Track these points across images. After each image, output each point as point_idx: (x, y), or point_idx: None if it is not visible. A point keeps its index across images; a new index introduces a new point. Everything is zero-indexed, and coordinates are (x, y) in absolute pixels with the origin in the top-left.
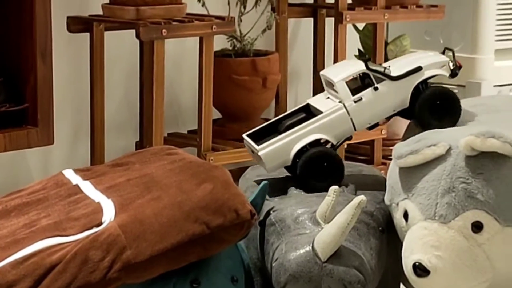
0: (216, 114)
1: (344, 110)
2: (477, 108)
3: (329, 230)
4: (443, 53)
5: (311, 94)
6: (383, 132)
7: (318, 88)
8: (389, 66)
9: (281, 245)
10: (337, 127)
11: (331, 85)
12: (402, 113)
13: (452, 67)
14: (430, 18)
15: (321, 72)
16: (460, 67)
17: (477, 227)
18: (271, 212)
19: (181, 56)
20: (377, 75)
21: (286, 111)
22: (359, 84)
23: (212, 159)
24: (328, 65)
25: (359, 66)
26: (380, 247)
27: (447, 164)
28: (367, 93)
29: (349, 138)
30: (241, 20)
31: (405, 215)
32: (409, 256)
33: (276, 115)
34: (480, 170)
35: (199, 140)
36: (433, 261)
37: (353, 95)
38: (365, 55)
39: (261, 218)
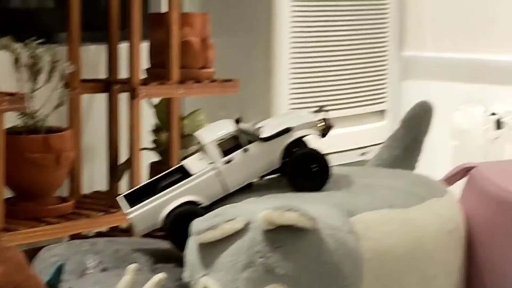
0: (8, 193)
1: (215, 171)
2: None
3: None
4: (317, 112)
5: (106, 170)
6: None
7: (111, 164)
8: (262, 126)
9: None
10: (207, 188)
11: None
12: (278, 171)
13: (322, 128)
14: (225, 92)
15: (196, 133)
16: (330, 127)
17: None
18: None
19: None
20: (247, 137)
21: (79, 188)
22: (235, 143)
23: (4, 240)
24: (123, 140)
25: (230, 127)
26: None
27: (246, 239)
28: (238, 154)
29: None
30: (32, 97)
31: None
32: None
33: (71, 193)
34: (278, 244)
35: None
36: None
37: (226, 155)
38: (161, 130)
39: None
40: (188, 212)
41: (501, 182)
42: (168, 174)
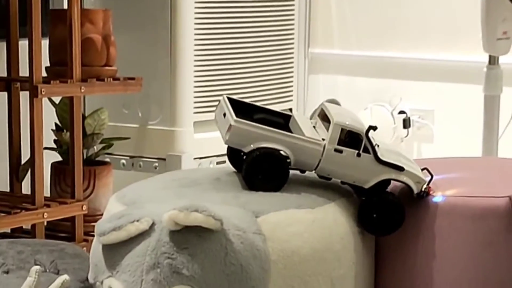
0: None
1: (322, 149)
2: (180, 181)
3: None
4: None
5: (7, 170)
6: (84, 208)
7: (13, 164)
8: (379, 144)
9: None
10: (304, 156)
11: (327, 120)
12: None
13: (423, 189)
14: (128, 91)
15: (327, 103)
16: (428, 193)
17: None
18: None
19: None
20: (368, 146)
21: None
22: (347, 139)
23: None
24: (25, 140)
25: (360, 126)
26: None
27: (151, 240)
28: (349, 152)
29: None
30: None
31: None
32: None
33: None
34: (184, 245)
35: None
36: None
37: (337, 144)
38: (63, 129)
39: None
40: (274, 157)
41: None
42: (272, 112)
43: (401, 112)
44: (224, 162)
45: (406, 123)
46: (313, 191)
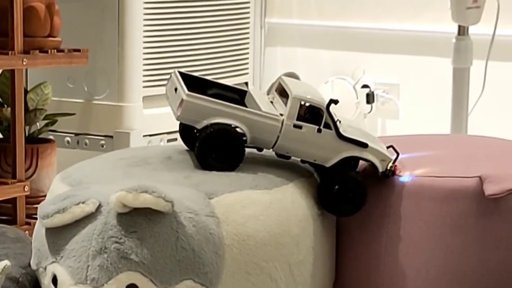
0: None
1: (280, 125)
2: (128, 160)
3: None
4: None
5: None
6: (26, 189)
7: None
8: (340, 120)
9: None
10: (261, 132)
11: (285, 94)
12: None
13: (389, 167)
14: (73, 63)
15: (284, 77)
16: (394, 172)
17: None
18: None
19: None
20: (329, 121)
21: None
22: (307, 115)
23: None
24: None
25: (320, 100)
26: None
27: (97, 223)
28: (309, 128)
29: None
30: None
31: (54, 280)
32: None
33: None
34: (133, 229)
35: None
36: None
37: (296, 119)
38: (3, 105)
39: None
40: (229, 134)
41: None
42: (227, 87)
43: (364, 86)
44: (176, 139)
45: (370, 98)
46: (270, 171)
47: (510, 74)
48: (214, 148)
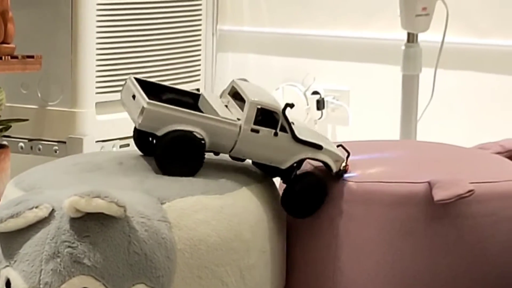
0: None
1: (238, 130)
2: (81, 166)
3: None
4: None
5: None
6: None
7: None
8: (294, 124)
9: None
10: (219, 137)
11: (240, 97)
12: (276, 174)
13: (342, 168)
14: (27, 70)
15: (237, 80)
16: (345, 172)
17: None
18: None
19: None
20: (285, 125)
21: None
22: (259, 117)
23: None
24: None
25: (276, 104)
26: None
27: (51, 228)
28: (266, 132)
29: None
30: None
31: (8, 284)
32: None
33: None
34: (86, 233)
35: None
36: None
37: (253, 124)
38: None
39: None
40: (190, 139)
41: (324, 167)
42: (180, 91)
43: (315, 92)
44: (128, 145)
45: (320, 104)
46: (222, 176)
47: (459, 81)
48: (175, 154)
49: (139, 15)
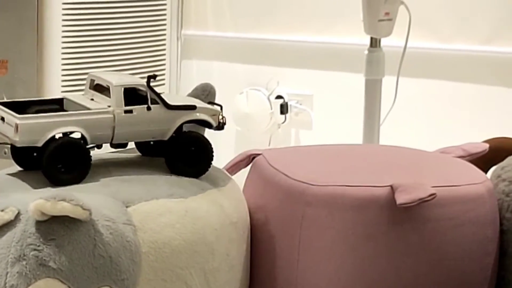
0: None
1: (112, 116)
2: None
3: None
4: (211, 104)
5: None
6: None
7: None
8: (163, 93)
9: None
10: (98, 129)
11: (102, 88)
12: (157, 151)
13: (220, 120)
14: None
15: (93, 73)
16: (225, 123)
17: None
18: None
19: None
20: (154, 97)
21: None
22: (130, 97)
23: None
24: None
25: (139, 80)
26: None
27: (16, 231)
28: (139, 109)
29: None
30: None
31: None
32: None
33: None
34: (51, 236)
35: None
36: None
37: (125, 105)
38: None
39: None
40: (72, 143)
41: (286, 171)
42: (42, 101)
43: (279, 97)
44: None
45: (284, 109)
46: (186, 179)
47: (421, 85)
48: (61, 162)
49: (105, 20)
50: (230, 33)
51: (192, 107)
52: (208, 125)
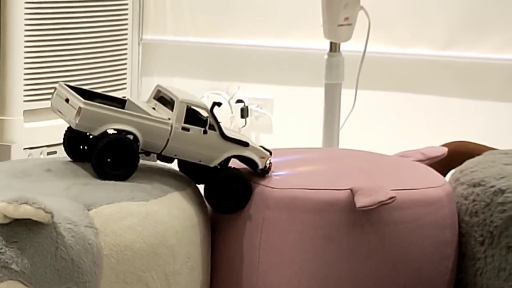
0: None
1: (170, 128)
2: (9, 173)
3: None
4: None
5: None
6: None
7: None
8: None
9: None
10: (153, 136)
11: (166, 101)
12: (198, 174)
13: (267, 164)
14: None
15: (161, 85)
16: (270, 169)
17: None
18: None
19: None
20: (213, 123)
21: None
22: (189, 116)
23: None
24: None
25: (204, 103)
26: None
27: None
28: (197, 130)
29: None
30: None
31: None
32: None
33: None
34: (14, 239)
35: None
36: None
37: (184, 122)
38: None
39: None
40: (126, 142)
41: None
42: (107, 96)
43: (239, 101)
44: (55, 152)
45: (244, 113)
46: (148, 182)
47: (380, 89)
48: (110, 157)
49: (67, 25)
50: (190, 37)
51: (245, 144)
52: (254, 165)
